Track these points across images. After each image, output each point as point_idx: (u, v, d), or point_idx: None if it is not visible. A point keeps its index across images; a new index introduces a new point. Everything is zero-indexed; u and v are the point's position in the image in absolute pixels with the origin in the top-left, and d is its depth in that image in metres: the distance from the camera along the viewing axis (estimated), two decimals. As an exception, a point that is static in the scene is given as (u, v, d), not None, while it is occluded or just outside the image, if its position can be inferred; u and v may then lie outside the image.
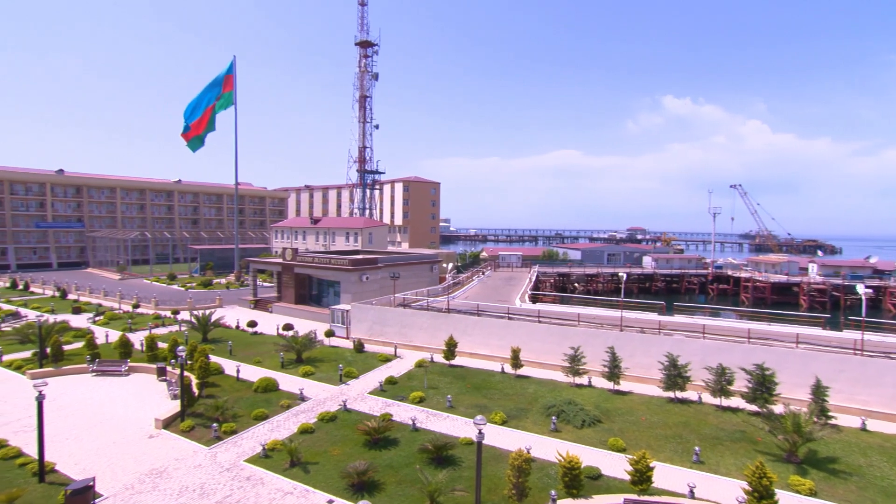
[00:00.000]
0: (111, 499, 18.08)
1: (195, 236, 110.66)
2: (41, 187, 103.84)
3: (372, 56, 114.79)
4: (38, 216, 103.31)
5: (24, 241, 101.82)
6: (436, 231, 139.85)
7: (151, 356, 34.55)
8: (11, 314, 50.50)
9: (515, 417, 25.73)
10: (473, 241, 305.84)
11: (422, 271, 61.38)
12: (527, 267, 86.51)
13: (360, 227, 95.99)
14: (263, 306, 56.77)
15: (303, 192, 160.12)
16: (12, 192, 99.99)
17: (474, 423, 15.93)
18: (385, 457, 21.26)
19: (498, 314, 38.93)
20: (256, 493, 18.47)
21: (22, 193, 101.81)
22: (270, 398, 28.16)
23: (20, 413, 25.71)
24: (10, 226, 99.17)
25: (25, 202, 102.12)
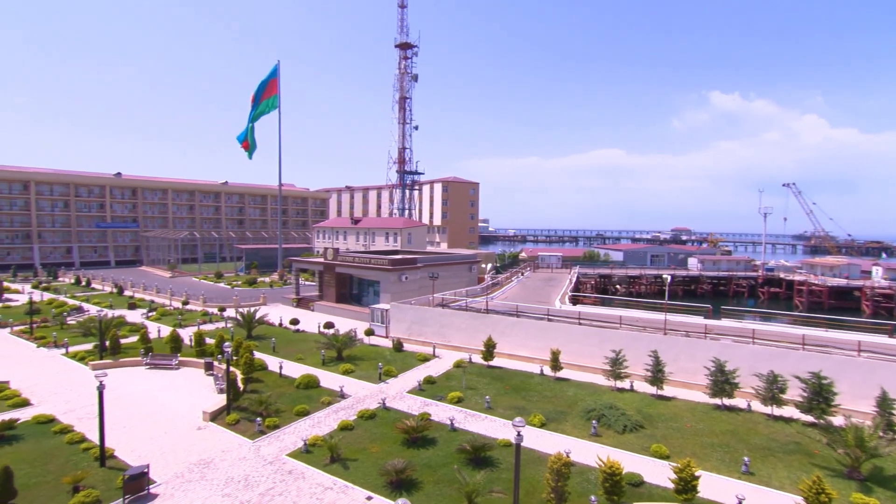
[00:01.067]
0: (163, 485, 18.90)
1: (241, 236, 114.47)
2: (101, 190, 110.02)
3: (411, 58, 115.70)
4: (99, 217, 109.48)
5: (87, 241, 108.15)
6: (474, 231, 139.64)
7: (199, 351, 35.91)
8: (76, 309, 53.65)
9: (554, 420, 25.35)
10: (512, 241, 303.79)
11: (460, 271, 61.39)
12: (567, 268, 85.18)
13: (400, 227, 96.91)
14: (305, 305, 58.10)
15: (344, 193, 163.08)
16: (77, 195, 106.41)
17: (513, 425, 15.76)
18: (423, 456, 21.34)
19: (537, 315, 38.47)
20: (298, 486, 18.89)
21: (85, 196, 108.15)
22: (312, 395, 28.76)
23: (84, 401, 27.24)
24: (75, 226, 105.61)
25: (88, 204, 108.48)
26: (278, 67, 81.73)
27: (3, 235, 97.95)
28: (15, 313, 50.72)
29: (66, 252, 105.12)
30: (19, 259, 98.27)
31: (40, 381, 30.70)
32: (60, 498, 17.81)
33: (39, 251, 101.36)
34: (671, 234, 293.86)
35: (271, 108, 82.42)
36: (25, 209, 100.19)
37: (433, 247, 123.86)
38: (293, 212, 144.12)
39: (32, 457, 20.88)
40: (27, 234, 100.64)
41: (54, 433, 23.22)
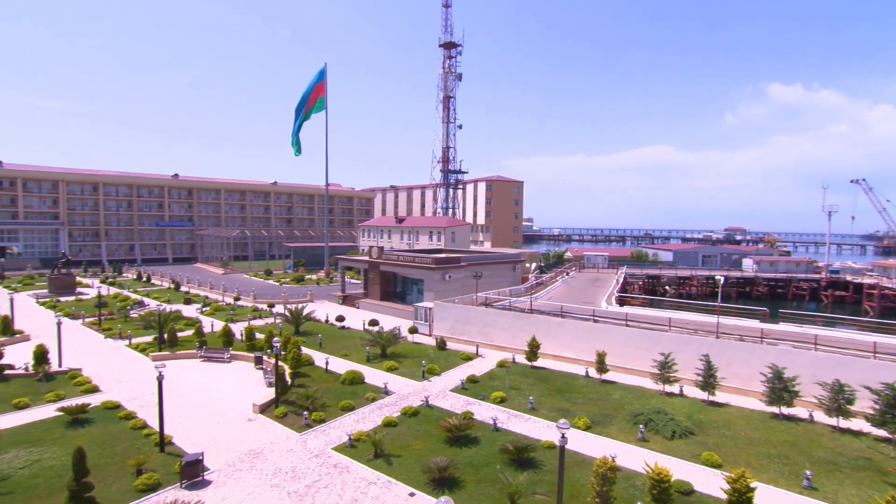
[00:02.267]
0: (217, 473, 19.74)
1: (289, 234, 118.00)
2: (160, 190, 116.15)
3: (455, 57, 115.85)
4: (158, 216, 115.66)
5: (147, 239, 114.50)
6: (518, 230, 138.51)
7: (250, 346, 37.28)
8: (138, 303, 56.85)
9: (600, 423, 24.82)
10: (557, 240, 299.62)
11: (504, 271, 61.03)
12: (614, 268, 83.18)
13: (444, 226, 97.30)
14: (351, 302, 59.28)
15: (388, 193, 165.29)
16: (138, 196, 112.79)
17: (557, 427, 15.54)
18: (465, 454, 21.36)
19: (583, 316, 37.76)
20: (342, 480, 19.30)
21: (146, 196, 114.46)
22: (356, 390, 29.32)
23: (145, 390, 28.82)
24: (137, 225, 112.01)
25: (148, 204, 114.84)
26: (325, 70, 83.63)
27: (76, 233, 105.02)
28: (86, 306, 54.23)
29: (129, 249, 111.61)
30: (89, 255, 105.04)
31: (107, 370, 32.70)
32: (126, 479, 18.93)
33: (106, 248, 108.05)
34: (724, 234, 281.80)
35: (318, 109, 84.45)
36: (94, 209, 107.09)
37: (477, 246, 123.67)
38: (339, 211, 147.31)
39: (101, 439, 22.28)
40: (96, 233, 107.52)
41: (120, 418, 24.70)
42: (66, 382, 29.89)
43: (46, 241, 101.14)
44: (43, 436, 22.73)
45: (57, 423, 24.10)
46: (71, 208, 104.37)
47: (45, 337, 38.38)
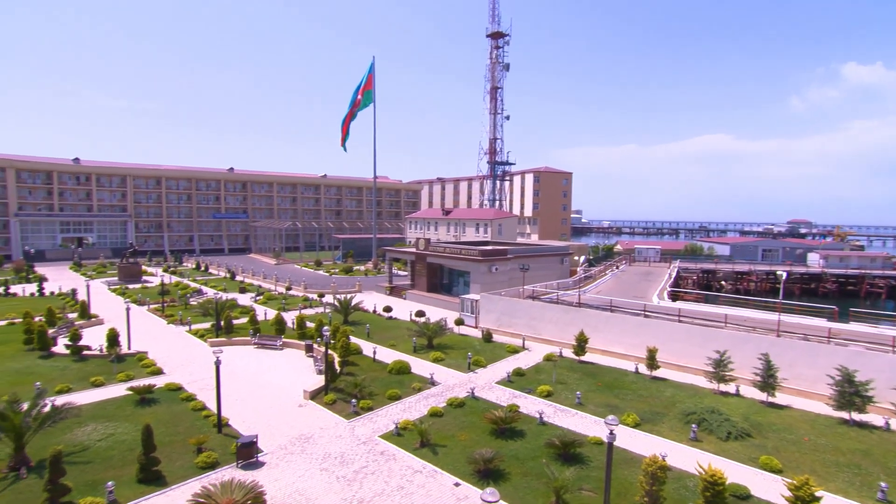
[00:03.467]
0: (269, 455, 20.57)
1: (338, 226, 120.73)
2: (217, 184, 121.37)
3: (503, 46, 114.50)
4: (215, 208, 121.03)
5: (205, 230, 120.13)
6: (567, 223, 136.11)
7: (301, 334, 38.49)
8: (197, 291, 59.80)
9: (649, 421, 24.14)
10: (607, 233, 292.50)
11: (552, 263, 60.18)
12: (666, 262, 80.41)
13: (490, 218, 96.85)
14: (398, 293, 60.11)
15: (435, 185, 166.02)
16: (197, 189, 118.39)
17: (605, 423, 15.22)
18: (511, 447, 21.30)
19: (633, 311, 36.76)
20: (389, 467, 19.68)
21: (203, 189, 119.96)
22: (403, 380, 29.76)
23: (203, 373, 30.35)
24: (196, 216, 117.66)
25: (206, 196, 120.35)
26: (373, 63, 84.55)
27: (142, 225, 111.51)
28: (150, 293, 57.56)
29: (188, 240, 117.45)
30: (153, 246, 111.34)
31: (170, 354, 34.64)
32: (187, 456, 20.04)
33: (168, 239, 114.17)
34: (787, 227, 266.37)
35: (367, 103, 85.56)
36: (158, 202, 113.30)
37: (524, 238, 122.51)
38: (387, 203, 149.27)
39: (166, 418, 23.67)
40: (159, 224, 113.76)
41: (181, 400, 26.14)
42: (135, 364, 31.89)
43: (116, 232, 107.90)
44: (116, 412, 24.40)
45: (127, 401, 25.79)
46: (137, 201, 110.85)
47: (115, 321, 41.05)
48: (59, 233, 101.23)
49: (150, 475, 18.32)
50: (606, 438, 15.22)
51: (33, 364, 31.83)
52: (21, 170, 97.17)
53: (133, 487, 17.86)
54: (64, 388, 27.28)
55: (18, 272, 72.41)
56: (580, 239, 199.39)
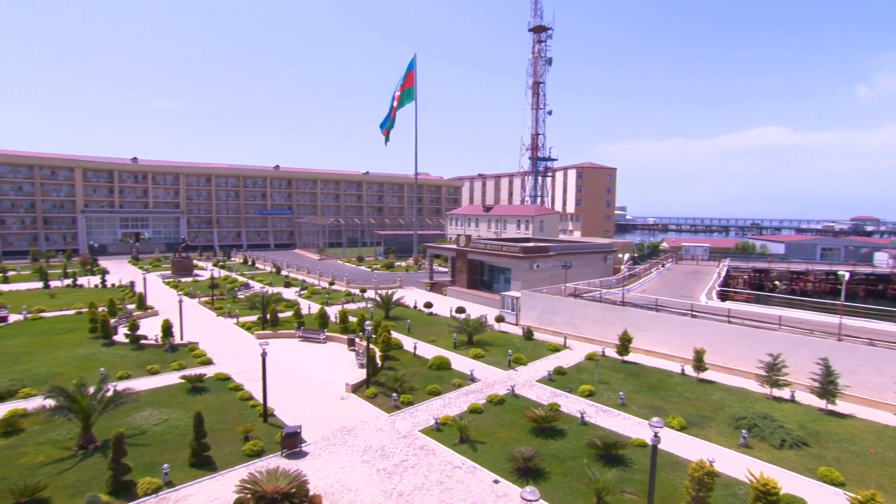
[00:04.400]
0: (313, 445, 21.10)
1: (380, 223, 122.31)
2: (263, 181, 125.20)
3: (546, 41, 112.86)
4: (261, 205, 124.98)
5: (252, 226, 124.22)
6: (610, 220, 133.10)
7: (343, 328, 39.24)
8: (244, 285, 61.93)
9: (696, 425, 23.34)
10: (652, 230, 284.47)
11: (595, 261, 59.03)
12: (715, 260, 77.41)
13: (532, 214, 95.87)
14: (438, 289, 60.39)
15: (476, 181, 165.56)
16: (244, 186, 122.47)
17: (650, 425, 14.81)
18: (551, 446, 21.05)
19: (679, 310, 35.59)
20: (429, 462, 19.82)
21: (250, 186, 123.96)
22: (443, 376, 29.89)
23: (250, 364, 31.42)
24: (243, 213, 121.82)
25: (253, 193, 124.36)
26: (414, 60, 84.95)
27: (193, 221, 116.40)
28: (201, 286, 60.04)
29: (236, 235, 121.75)
30: (203, 241, 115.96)
31: (219, 345, 36.03)
32: (235, 443, 20.82)
33: (217, 234, 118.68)
34: (850, 225, 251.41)
35: (408, 99, 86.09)
36: (208, 199, 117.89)
37: (566, 235, 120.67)
38: (428, 199, 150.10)
39: (215, 406, 24.65)
40: (209, 220, 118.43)
41: (229, 389, 27.15)
42: (187, 354, 33.35)
43: (170, 228, 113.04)
44: (170, 399, 25.61)
45: (180, 388, 27.02)
46: (189, 198, 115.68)
47: (169, 313, 43.01)
48: (119, 228, 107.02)
49: (202, 460, 19.15)
50: (651, 441, 14.80)
51: (97, 351, 33.82)
52: (87, 169, 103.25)
53: (186, 470, 18.71)
54: (124, 374, 28.87)
55: (84, 265, 77.04)
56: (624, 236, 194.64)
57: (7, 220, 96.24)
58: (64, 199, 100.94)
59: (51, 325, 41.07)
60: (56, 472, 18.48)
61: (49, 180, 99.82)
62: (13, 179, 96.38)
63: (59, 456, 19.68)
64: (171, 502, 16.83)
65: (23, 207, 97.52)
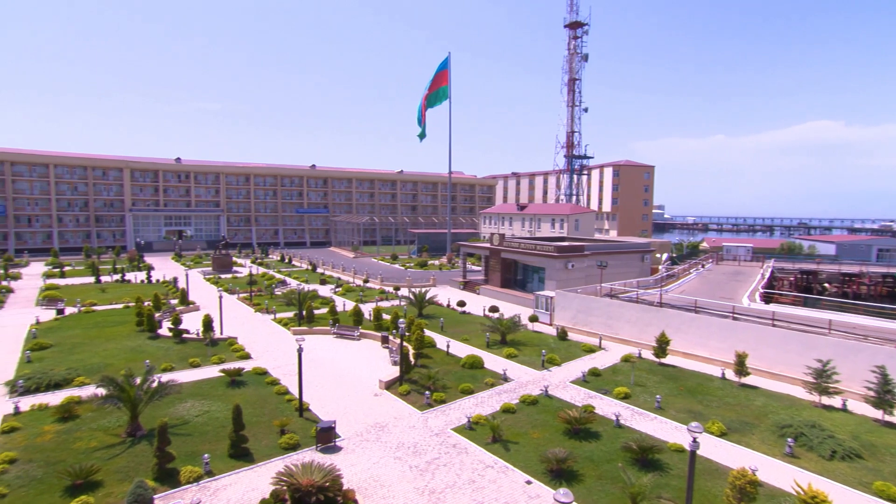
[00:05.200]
0: (346, 440, 21.41)
1: (414, 221, 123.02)
2: (300, 180, 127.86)
3: (582, 37, 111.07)
4: (298, 203, 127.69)
5: (289, 224, 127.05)
6: (648, 218, 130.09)
7: (377, 325, 39.67)
8: (281, 282, 63.39)
9: (737, 431, 22.52)
10: (692, 230, 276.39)
11: (631, 261, 57.78)
12: (758, 261, 74.55)
13: (567, 213, 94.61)
14: (471, 288, 60.31)
15: (510, 180, 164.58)
16: (282, 185, 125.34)
17: (688, 430, 14.37)
18: (585, 448, 20.73)
19: (720, 312, 34.45)
20: (461, 460, 19.82)
21: (288, 185, 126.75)
22: (476, 374, 29.84)
23: (287, 360, 32.13)
24: (280, 211, 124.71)
25: (290, 192, 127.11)
26: (449, 59, 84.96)
27: (232, 219, 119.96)
28: (240, 283, 61.77)
29: (273, 233, 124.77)
30: (242, 239, 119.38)
31: (256, 340, 37.00)
32: (272, 436, 21.33)
33: (256, 232, 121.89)
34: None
35: (443, 98, 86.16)
36: (247, 198, 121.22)
37: (602, 234, 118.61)
38: (461, 198, 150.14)
39: (253, 399, 25.32)
40: (248, 219, 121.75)
41: (267, 383, 27.83)
42: (226, 348, 34.38)
43: (210, 226, 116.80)
44: (210, 391, 26.46)
45: (220, 382, 27.88)
46: (228, 197, 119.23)
47: (209, 308, 44.44)
48: (163, 226, 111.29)
49: (240, 451, 19.71)
50: (689, 446, 14.37)
51: (143, 343, 35.26)
52: (135, 169, 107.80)
53: (225, 461, 19.30)
54: (168, 366, 30.00)
55: (132, 261, 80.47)
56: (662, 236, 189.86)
57: (64, 218, 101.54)
58: (113, 199, 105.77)
59: (102, 317, 43.09)
60: (107, 457, 19.38)
61: (101, 180, 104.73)
62: (69, 180, 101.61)
63: (109, 442, 20.64)
64: (211, 491, 17.39)
65: (77, 206, 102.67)
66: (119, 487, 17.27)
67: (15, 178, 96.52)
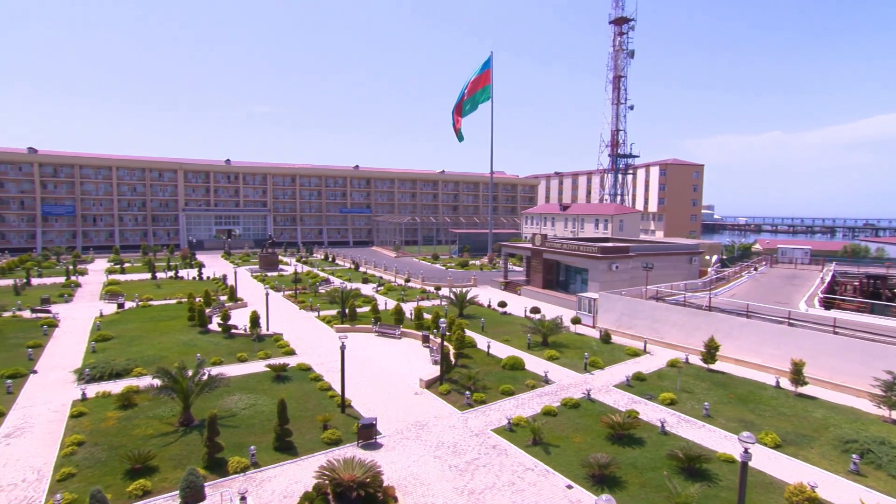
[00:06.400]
0: (387, 438, 21.65)
1: (455, 221, 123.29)
2: (344, 180, 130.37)
3: (627, 32, 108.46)
4: (341, 203, 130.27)
5: (332, 224, 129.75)
6: (696, 219, 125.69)
7: (418, 324, 39.92)
8: (325, 280, 64.77)
9: (794, 444, 21.38)
10: (744, 231, 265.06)
11: (679, 263, 55.90)
12: (818, 264, 70.62)
13: (611, 213, 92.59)
14: (512, 288, 59.86)
15: (552, 179, 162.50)
16: (326, 185, 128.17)
17: (739, 440, 13.72)
18: (628, 455, 20.18)
19: (775, 318, 32.79)
20: (500, 462, 19.68)
21: (332, 186, 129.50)
22: (516, 376, 29.58)
23: (329, 357, 32.81)
24: (325, 211, 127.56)
25: (333, 192, 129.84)
26: (491, 58, 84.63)
27: (278, 218, 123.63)
28: (285, 281, 63.54)
29: (318, 233, 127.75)
30: (288, 238, 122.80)
31: (301, 336, 37.94)
32: (314, 431, 21.82)
33: (301, 231, 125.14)
34: None
35: (485, 98, 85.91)
36: (292, 198, 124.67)
37: (647, 235, 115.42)
38: (503, 198, 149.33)
39: (297, 395, 25.99)
40: (293, 218, 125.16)
41: (310, 379, 28.51)
42: (272, 344, 35.42)
43: (258, 225, 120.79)
44: (257, 385, 27.33)
45: (266, 376, 28.75)
46: (275, 197, 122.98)
47: (256, 305, 45.92)
48: (213, 225, 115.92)
49: (284, 444, 20.26)
50: (740, 457, 13.72)
51: (195, 338, 36.81)
52: (188, 171, 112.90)
53: (270, 453, 19.88)
54: (217, 360, 31.19)
55: (184, 259, 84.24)
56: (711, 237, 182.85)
57: (124, 217, 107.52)
58: (168, 199, 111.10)
59: (157, 312, 45.28)
60: (162, 444, 20.35)
61: (157, 181, 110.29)
62: (129, 181, 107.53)
63: (164, 430, 21.67)
64: (257, 482, 17.95)
65: (136, 206, 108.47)
66: (173, 473, 18.08)
67: (83, 180, 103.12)
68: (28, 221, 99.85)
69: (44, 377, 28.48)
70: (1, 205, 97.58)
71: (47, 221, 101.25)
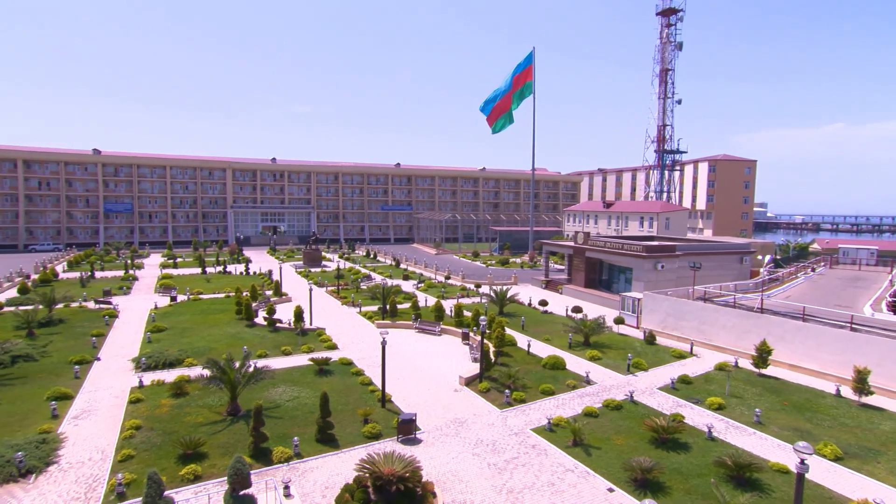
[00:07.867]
0: (426, 434, 21.78)
1: (495, 218, 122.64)
2: (385, 178, 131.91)
3: (675, 24, 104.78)
4: (383, 201, 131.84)
5: (374, 221, 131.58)
6: (748, 217, 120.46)
7: (458, 322, 39.95)
8: (366, 276, 65.75)
9: (857, 457, 20.14)
10: (799, 229, 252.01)
11: (728, 262, 53.71)
12: (885, 265, 66.35)
13: (657, 211, 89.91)
14: (554, 287, 59.05)
15: (596, 176, 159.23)
16: (368, 183, 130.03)
17: (795, 450, 13.00)
18: (673, 460, 19.55)
19: (835, 321, 31.03)
20: (540, 462, 19.46)
21: (373, 184, 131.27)
22: (557, 376, 29.17)
23: (370, 352, 33.29)
24: (367, 209, 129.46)
25: (375, 190, 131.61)
26: (533, 54, 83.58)
27: (322, 216, 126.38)
28: (328, 276, 64.88)
29: (360, 230, 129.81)
30: (330, 234, 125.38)
31: (343, 331, 38.66)
32: (355, 425, 22.19)
33: (343, 228, 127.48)
34: None
35: (527, 94, 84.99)
36: (335, 195, 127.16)
37: (695, 233, 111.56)
38: (544, 195, 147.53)
39: (339, 388, 26.49)
40: (336, 215, 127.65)
41: (352, 374, 29.01)
42: (315, 338, 36.25)
43: (302, 222, 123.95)
44: (300, 378, 28.05)
45: (309, 370, 29.46)
46: (318, 194, 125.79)
47: (300, 300, 47.09)
48: (259, 222, 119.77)
49: (326, 437, 20.70)
50: (796, 468, 13.03)
51: (241, 331, 38.11)
52: (236, 169, 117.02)
53: (312, 445, 20.36)
54: (262, 353, 32.19)
55: (232, 254, 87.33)
56: (764, 236, 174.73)
57: (177, 214, 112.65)
58: (217, 196, 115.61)
59: (206, 305, 47.16)
60: (211, 432, 21.20)
61: (207, 180, 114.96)
62: (182, 179, 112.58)
63: (213, 419, 22.56)
64: (299, 472, 18.42)
65: (187, 203, 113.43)
66: (221, 461, 18.79)
67: (140, 179, 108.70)
68: (92, 218, 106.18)
69: (106, 364, 30.22)
70: (70, 203, 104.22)
71: (108, 218, 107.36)
